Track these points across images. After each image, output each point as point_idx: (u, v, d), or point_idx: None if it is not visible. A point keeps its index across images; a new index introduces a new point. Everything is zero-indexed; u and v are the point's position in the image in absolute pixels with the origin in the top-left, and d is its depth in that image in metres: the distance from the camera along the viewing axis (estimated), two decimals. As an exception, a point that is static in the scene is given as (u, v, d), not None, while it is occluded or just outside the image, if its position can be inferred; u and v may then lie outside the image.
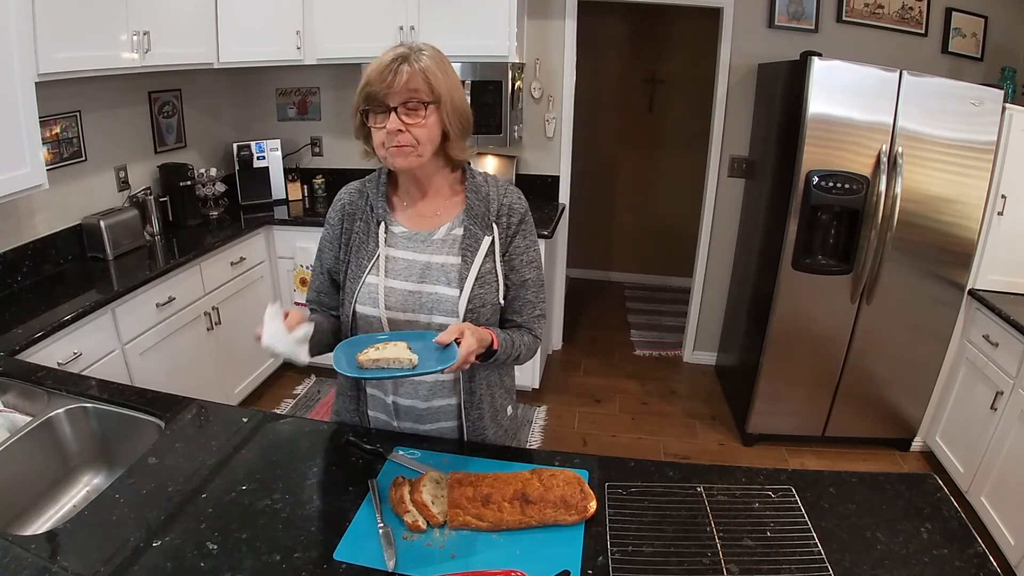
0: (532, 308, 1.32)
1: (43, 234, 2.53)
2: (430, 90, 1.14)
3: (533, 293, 1.32)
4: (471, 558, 1.04)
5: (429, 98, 1.14)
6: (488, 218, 1.26)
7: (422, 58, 1.15)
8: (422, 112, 1.15)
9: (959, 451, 2.71)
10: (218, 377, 2.93)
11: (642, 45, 4.74)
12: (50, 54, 2.11)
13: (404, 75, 1.12)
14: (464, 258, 1.24)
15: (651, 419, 3.36)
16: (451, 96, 1.17)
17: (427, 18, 3.04)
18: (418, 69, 1.13)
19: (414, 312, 1.25)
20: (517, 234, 1.29)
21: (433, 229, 1.27)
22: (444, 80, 1.16)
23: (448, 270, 1.24)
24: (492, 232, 1.26)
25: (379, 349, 1.12)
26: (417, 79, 1.13)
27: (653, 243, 5.17)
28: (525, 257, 1.30)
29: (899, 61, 2.67)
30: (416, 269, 1.25)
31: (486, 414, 1.35)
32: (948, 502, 1.18)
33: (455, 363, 1.08)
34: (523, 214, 1.30)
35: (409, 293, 1.24)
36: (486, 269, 1.24)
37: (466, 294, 1.22)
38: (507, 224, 1.28)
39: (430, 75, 1.13)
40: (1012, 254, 2.64)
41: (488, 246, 1.25)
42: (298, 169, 3.71)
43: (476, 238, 1.25)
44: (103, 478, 1.47)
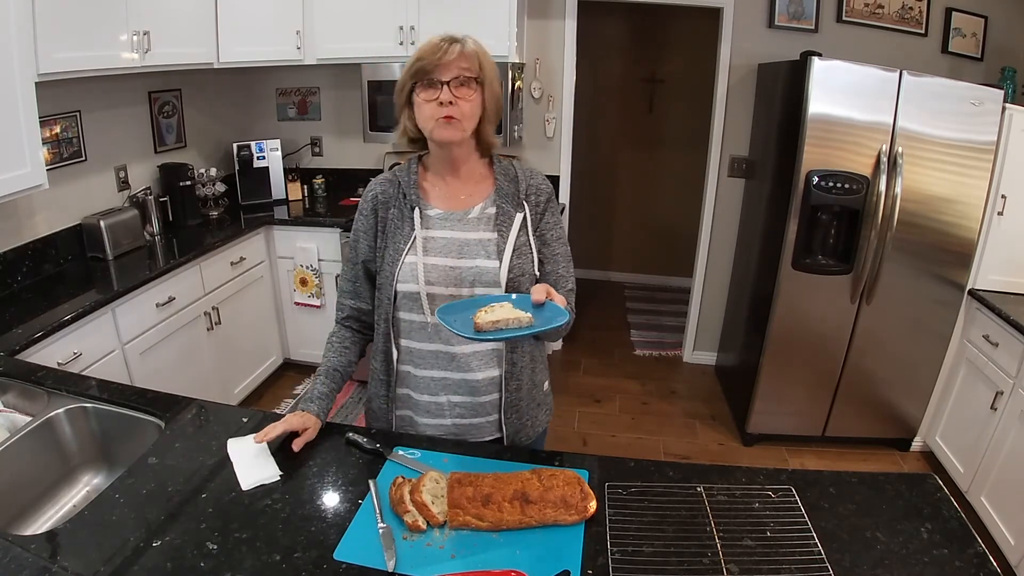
0: (565, 282, 1.37)
1: (43, 234, 2.53)
2: (479, 68, 1.23)
3: (564, 267, 1.38)
4: (471, 558, 1.04)
5: (478, 75, 1.23)
6: (518, 197, 1.34)
7: (469, 42, 1.24)
8: (472, 87, 1.23)
9: (959, 451, 2.71)
10: (218, 377, 2.93)
11: (642, 45, 4.74)
12: (50, 54, 2.11)
13: (456, 52, 1.21)
14: (500, 233, 1.30)
15: (651, 419, 3.36)
16: (492, 81, 1.26)
17: (427, 18, 3.05)
18: (468, 51, 1.22)
19: (456, 287, 1.29)
20: (546, 211, 1.37)
21: (467, 208, 1.34)
22: (488, 64, 1.25)
23: (486, 244, 1.30)
24: (523, 209, 1.34)
25: (489, 311, 1.11)
26: (468, 57, 1.22)
27: (653, 243, 5.17)
28: (554, 233, 1.37)
29: (899, 61, 2.67)
30: (455, 246, 1.30)
31: (524, 386, 1.39)
32: (948, 502, 1.18)
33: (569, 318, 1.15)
34: (549, 194, 1.39)
35: (449, 268, 1.29)
36: (521, 242, 1.31)
37: (506, 264, 1.28)
38: (535, 203, 1.35)
39: (480, 55, 1.24)
40: (1012, 254, 2.64)
41: (521, 222, 1.32)
42: (298, 169, 3.71)
43: (508, 215, 1.32)
44: (103, 478, 1.47)
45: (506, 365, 1.34)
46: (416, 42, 3.08)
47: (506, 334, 1.08)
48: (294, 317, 3.46)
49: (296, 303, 3.41)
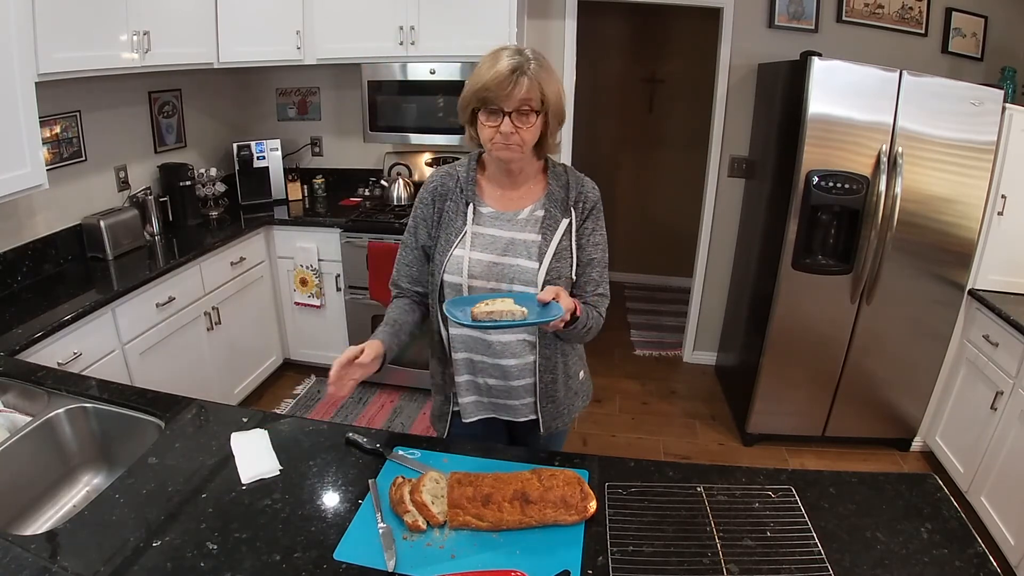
0: (595, 286, 1.44)
1: (43, 234, 2.53)
2: (541, 99, 1.26)
3: (598, 272, 1.44)
4: (471, 558, 1.04)
5: (540, 107, 1.27)
6: (567, 203, 1.40)
7: (534, 70, 1.24)
8: (532, 118, 1.27)
9: (959, 451, 2.71)
10: (218, 377, 2.93)
11: (642, 45, 4.74)
12: (50, 54, 2.11)
13: (523, 87, 1.23)
14: (544, 236, 1.37)
15: (651, 419, 3.36)
16: (557, 100, 1.29)
17: (427, 18, 3.05)
18: (535, 82, 1.24)
19: (496, 281, 1.36)
20: (589, 217, 1.43)
21: (518, 210, 1.40)
22: (552, 88, 1.27)
23: (529, 246, 1.37)
24: (570, 215, 1.40)
25: (489, 304, 1.19)
26: (533, 90, 1.24)
27: (653, 243, 5.16)
28: (593, 238, 1.43)
29: (899, 61, 2.67)
30: (500, 244, 1.37)
31: (559, 377, 1.47)
32: (948, 502, 1.18)
33: (562, 315, 1.18)
34: (595, 201, 1.45)
35: (492, 264, 1.36)
36: (563, 246, 1.38)
37: (545, 266, 1.35)
38: (582, 209, 1.42)
39: (544, 86, 1.25)
40: (1012, 254, 2.64)
41: (565, 227, 1.39)
42: (298, 169, 3.71)
43: (555, 219, 1.38)
44: (103, 478, 1.47)
45: (539, 356, 1.43)
46: (416, 42, 3.08)
47: (498, 324, 1.17)
48: (294, 317, 3.46)
49: (296, 303, 3.41)
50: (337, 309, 3.37)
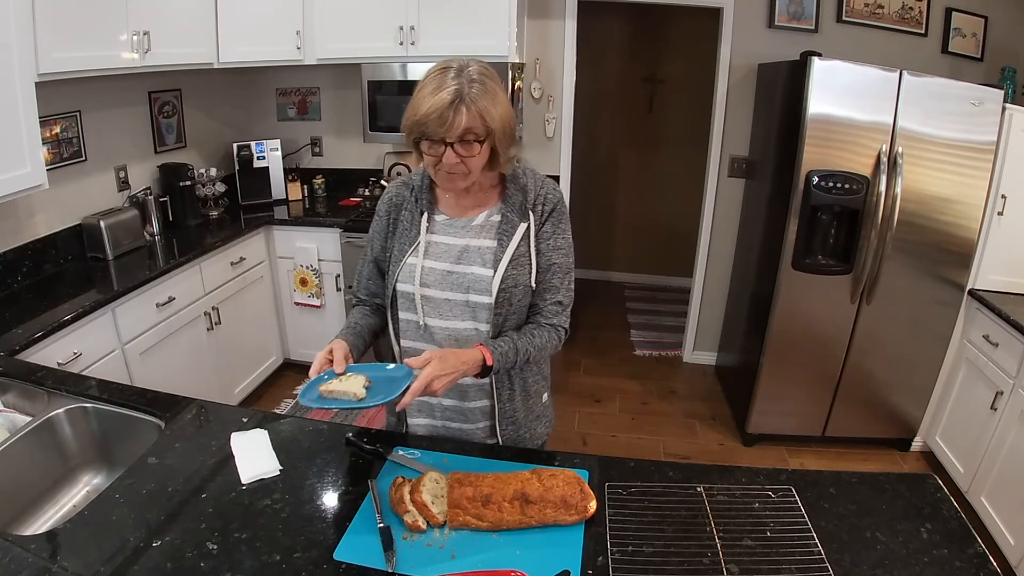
0: (554, 293, 1.36)
1: (43, 234, 2.53)
2: (485, 127, 1.18)
3: (558, 279, 1.36)
4: (471, 558, 1.04)
5: (484, 135, 1.19)
6: (525, 206, 1.33)
7: (475, 96, 1.16)
8: (476, 147, 1.19)
9: (959, 451, 2.71)
10: (218, 377, 2.93)
11: (642, 45, 4.74)
12: (50, 54, 2.11)
13: (462, 118, 1.15)
14: (500, 242, 1.31)
15: (651, 419, 3.36)
16: (502, 124, 1.21)
17: (427, 18, 3.04)
18: (475, 111, 1.16)
19: (451, 290, 1.32)
20: (548, 220, 1.35)
21: (472, 216, 1.35)
22: (497, 111, 1.19)
23: (484, 252, 1.31)
24: (528, 220, 1.33)
25: (341, 380, 1.17)
26: (474, 119, 1.16)
27: (653, 243, 5.16)
28: (552, 242, 1.35)
29: (899, 61, 2.67)
30: (454, 252, 1.33)
31: (517, 395, 1.41)
32: (948, 502, 1.18)
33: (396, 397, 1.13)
34: (555, 203, 1.36)
35: (446, 272, 1.32)
36: (520, 252, 1.31)
37: (500, 274, 1.29)
38: (541, 211, 1.34)
39: (485, 114, 1.17)
40: (1012, 254, 2.64)
41: (523, 232, 1.32)
42: (298, 169, 3.71)
43: (512, 224, 1.32)
44: (103, 478, 1.47)
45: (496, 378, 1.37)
46: (416, 42, 3.08)
47: (332, 404, 1.14)
48: (294, 317, 3.46)
49: (296, 303, 3.41)
50: (337, 309, 3.37)
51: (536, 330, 1.34)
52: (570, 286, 1.39)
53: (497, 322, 1.31)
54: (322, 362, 1.22)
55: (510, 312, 1.32)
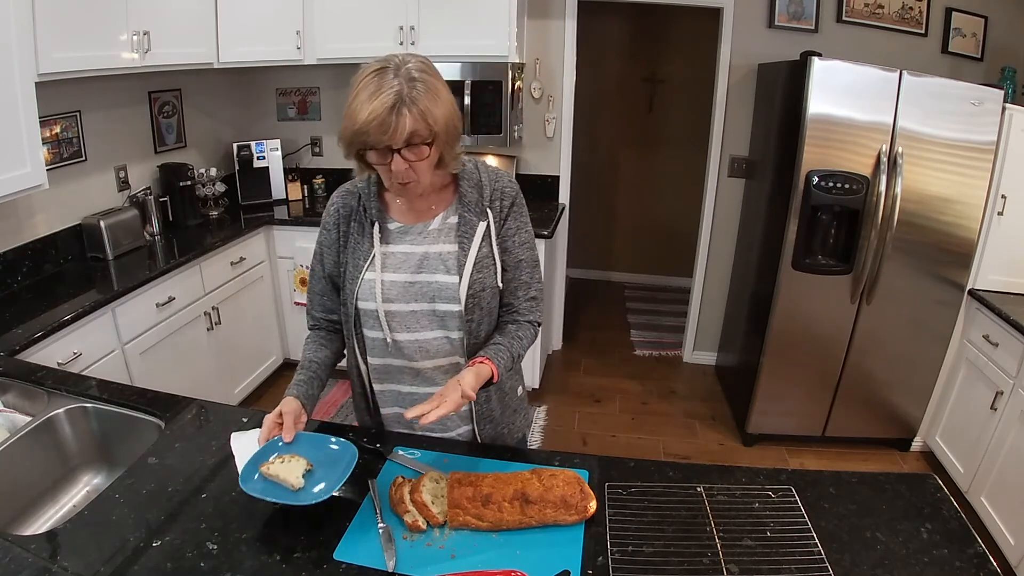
0: (527, 289, 1.33)
1: (43, 234, 2.53)
2: (429, 130, 1.11)
3: (527, 274, 1.33)
4: (471, 558, 1.04)
5: (430, 137, 1.12)
6: (482, 204, 1.28)
7: (416, 96, 1.08)
8: (425, 150, 1.13)
9: (959, 451, 2.71)
10: (218, 377, 2.93)
11: (642, 45, 4.74)
12: (50, 54, 2.11)
13: (406, 121, 1.08)
14: (461, 245, 1.25)
15: (651, 419, 3.36)
16: (446, 122, 1.14)
17: (427, 18, 3.04)
18: (417, 114, 1.08)
19: (416, 302, 1.26)
20: (509, 216, 1.30)
21: (428, 220, 1.29)
22: (440, 110, 1.12)
23: (446, 258, 1.25)
24: (487, 217, 1.28)
25: (284, 461, 1.13)
26: (418, 122, 1.09)
27: (653, 243, 5.17)
28: (517, 238, 1.31)
29: (899, 61, 2.67)
30: (414, 261, 1.26)
31: (493, 394, 1.37)
32: (948, 502, 1.18)
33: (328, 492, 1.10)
34: (514, 196, 1.31)
35: (408, 284, 1.25)
36: (483, 254, 1.27)
37: (466, 280, 1.24)
38: (500, 207, 1.29)
39: (428, 116, 1.10)
40: (1012, 254, 2.64)
41: (484, 231, 1.27)
42: (298, 169, 3.71)
43: (471, 224, 1.26)
44: (103, 478, 1.47)
45: None
46: (416, 42, 3.08)
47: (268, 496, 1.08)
48: (294, 317, 3.46)
49: (296, 303, 3.41)
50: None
51: (520, 330, 1.32)
52: (540, 278, 1.36)
53: (470, 328, 1.27)
54: (271, 426, 1.18)
55: (482, 316, 1.28)
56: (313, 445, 1.19)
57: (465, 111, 3.22)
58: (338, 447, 1.19)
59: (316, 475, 1.14)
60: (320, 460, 1.16)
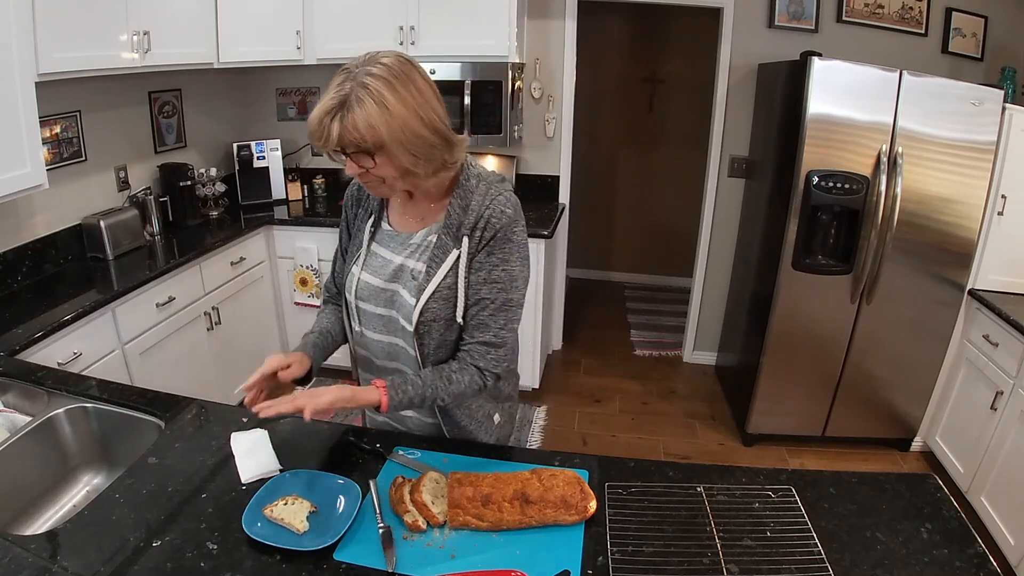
0: (483, 331, 1.22)
1: (43, 234, 2.53)
2: (363, 139, 1.04)
3: (489, 316, 1.21)
4: (471, 558, 1.04)
5: (369, 147, 1.05)
6: (462, 230, 1.19)
7: (353, 103, 1.02)
8: (369, 160, 1.08)
9: (959, 451, 2.71)
10: (218, 377, 2.93)
11: (642, 45, 4.74)
12: (50, 54, 2.11)
13: (335, 129, 1.03)
14: (428, 269, 1.21)
15: (651, 419, 3.36)
16: (392, 131, 1.04)
17: (427, 18, 3.04)
18: (349, 123, 1.02)
19: (384, 307, 1.28)
20: (486, 248, 1.20)
21: (413, 232, 1.26)
22: (383, 120, 1.03)
23: (416, 275, 1.23)
24: (461, 246, 1.19)
25: (287, 504, 1.11)
26: (348, 131, 1.03)
27: (653, 243, 5.17)
28: (483, 274, 1.20)
29: (899, 61, 2.67)
30: (390, 268, 1.27)
31: (463, 419, 1.35)
32: (948, 502, 1.19)
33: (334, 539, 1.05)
34: (499, 228, 1.18)
35: (380, 289, 1.28)
36: (446, 284, 1.20)
37: (419, 307, 1.20)
38: (480, 238, 1.19)
39: (363, 128, 1.03)
40: (1012, 254, 2.64)
41: (454, 260, 1.20)
42: (298, 169, 3.71)
43: (445, 250, 1.20)
44: (103, 478, 1.47)
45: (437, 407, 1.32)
46: (416, 42, 3.08)
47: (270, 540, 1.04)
48: (294, 317, 3.46)
49: (296, 303, 3.41)
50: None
51: (456, 373, 1.22)
52: (506, 326, 1.23)
53: (423, 351, 1.24)
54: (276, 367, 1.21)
55: (432, 344, 1.24)
56: (317, 485, 1.17)
57: (465, 111, 3.22)
58: (343, 486, 1.17)
59: (320, 517, 1.10)
60: (324, 501, 1.13)
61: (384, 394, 1.17)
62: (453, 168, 1.19)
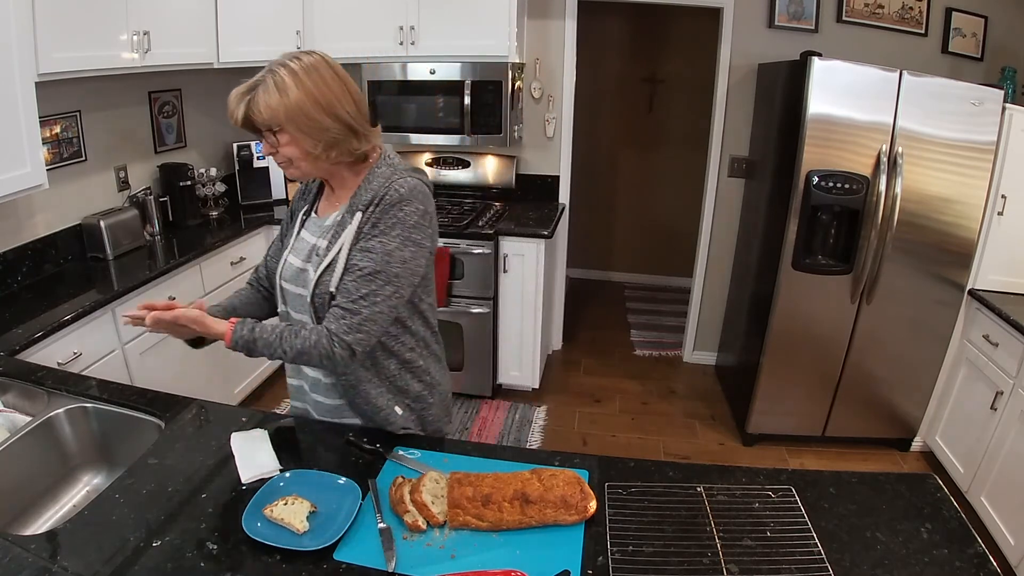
0: (344, 295, 1.23)
1: (43, 234, 2.53)
2: (262, 119, 1.18)
3: (352, 281, 1.23)
4: (471, 558, 1.04)
5: (272, 125, 1.19)
6: (357, 207, 1.26)
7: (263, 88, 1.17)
8: (272, 137, 1.21)
9: (959, 451, 2.71)
10: (218, 377, 2.93)
11: (642, 45, 4.74)
12: (50, 54, 2.11)
13: (240, 113, 1.19)
14: (329, 245, 1.29)
15: (651, 419, 3.36)
16: (289, 112, 1.16)
17: (427, 18, 3.05)
18: (253, 107, 1.17)
19: (302, 287, 1.33)
20: (371, 220, 1.24)
21: (327, 215, 1.35)
22: (284, 107, 1.16)
23: (319, 252, 1.31)
24: (355, 220, 1.26)
25: (287, 503, 1.11)
26: (255, 115, 1.18)
27: (653, 243, 5.17)
28: (363, 243, 1.24)
29: (899, 61, 2.67)
30: (306, 250, 1.34)
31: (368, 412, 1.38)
32: (948, 502, 1.19)
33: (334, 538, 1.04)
34: (392, 203, 1.23)
35: (299, 270, 1.34)
36: (337, 257, 1.27)
37: (313, 280, 1.28)
38: (372, 210, 1.24)
39: (264, 110, 1.17)
40: (1012, 254, 2.64)
41: (345, 234, 1.27)
42: (298, 169, 3.71)
43: (344, 225, 1.28)
44: (103, 478, 1.47)
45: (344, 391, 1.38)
46: (416, 42, 3.08)
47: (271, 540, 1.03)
48: (294, 317, 3.46)
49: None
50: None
51: (306, 330, 1.23)
52: (368, 296, 1.21)
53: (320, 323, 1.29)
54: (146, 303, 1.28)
55: None
56: (317, 486, 1.17)
57: (465, 111, 3.22)
58: (343, 487, 1.17)
59: (320, 517, 1.10)
60: (324, 501, 1.13)
61: (230, 328, 1.24)
62: (364, 157, 1.29)
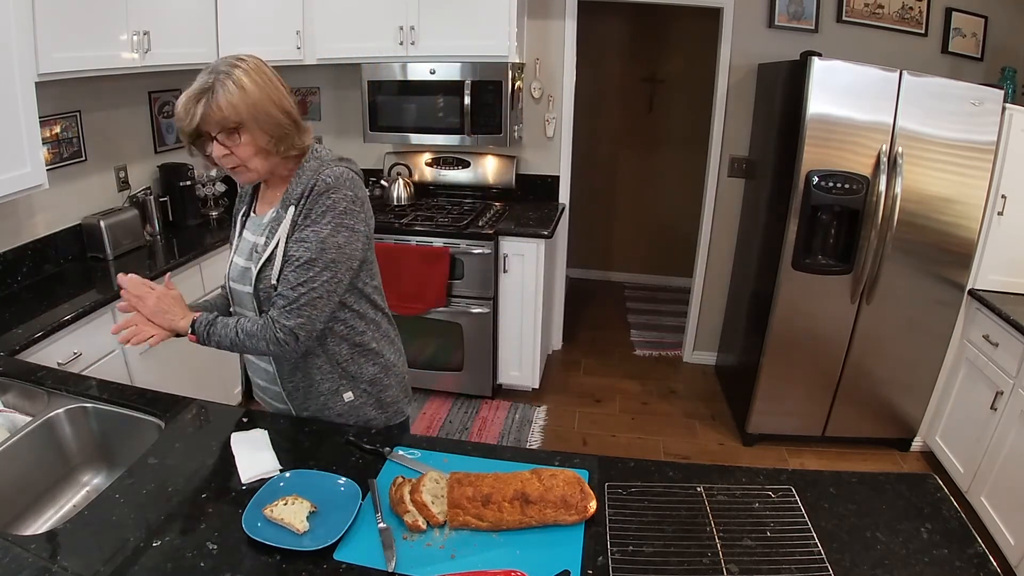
0: (284, 284, 1.27)
1: (43, 234, 2.53)
2: (224, 116, 1.20)
3: (291, 271, 1.27)
4: (471, 558, 1.04)
5: (233, 123, 1.21)
6: (290, 201, 1.30)
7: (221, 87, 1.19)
8: (236, 137, 1.23)
9: (959, 451, 2.71)
10: (218, 377, 2.93)
11: (642, 45, 4.74)
12: (50, 54, 2.11)
13: (198, 114, 1.19)
14: (266, 241, 1.32)
15: (651, 419, 3.36)
16: (251, 109, 1.20)
17: (427, 18, 3.05)
18: (214, 106, 1.19)
19: (247, 285, 1.35)
20: (303, 211, 1.28)
21: (264, 213, 1.38)
22: (245, 103, 1.20)
23: (259, 249, 1.34)
24: (287, 214, 1.29)
25: (287, 503, 1.11)
26: (215, 114, 1.19)
27: (653, 243, 5.17)
28: (298, 233, 1.28)
29: (899, 61, 2.67)
30: (247, 248, 1.38)
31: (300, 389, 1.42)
32: (948, 502, 1.19)
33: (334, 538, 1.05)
34: (320, 193, 1.26)
35: (244, 269, 1.37)
36: (275, 250, 1.30)
37: (254, 273, 1.32)
38: (303, 204, 1.28)
39: (225, 107, 1.19)
40: (1012, 254, 2.64)
41: (281, 228, 1.30)
42: (298, 169, 3.71)
43: (279, 220, 1.31)
44: (103, 478, 1.47)
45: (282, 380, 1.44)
46: (416, 42, 3.08)
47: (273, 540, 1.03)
48: (294, 317, 3.45)
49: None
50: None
51: (251, 323, 1.29)
52: (305, 283, 1.25)
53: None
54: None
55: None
56: (317, 486, 1.17)
57: (465, 111, 3.22)
58: (343, 487, 1.17)
59: (321, 517, 1.10)
60: (324, 501, 1.13)
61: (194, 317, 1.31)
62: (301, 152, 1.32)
